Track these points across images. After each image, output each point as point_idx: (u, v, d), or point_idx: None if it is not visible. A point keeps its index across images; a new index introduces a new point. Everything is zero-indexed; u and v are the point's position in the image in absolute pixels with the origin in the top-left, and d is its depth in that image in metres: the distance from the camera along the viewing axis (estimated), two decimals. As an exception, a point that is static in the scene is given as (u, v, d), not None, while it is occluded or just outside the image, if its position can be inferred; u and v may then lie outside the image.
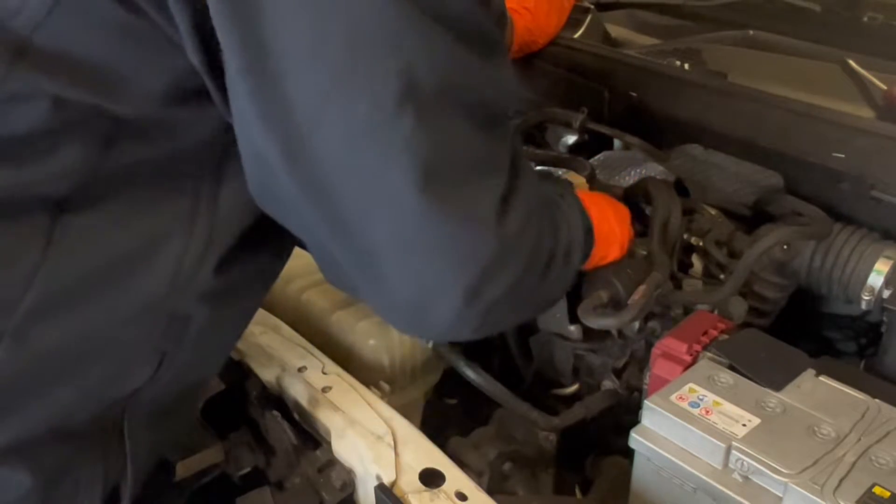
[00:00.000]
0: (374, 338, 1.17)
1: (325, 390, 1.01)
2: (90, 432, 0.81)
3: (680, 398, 0.88)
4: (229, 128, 0.73)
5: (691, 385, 0.90)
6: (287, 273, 0.96)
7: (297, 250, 0.91)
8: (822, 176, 1.09)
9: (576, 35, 1.59)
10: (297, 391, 1.02)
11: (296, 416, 1.04)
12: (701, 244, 1.13)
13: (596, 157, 1.34)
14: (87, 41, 0.70)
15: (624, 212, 1.07)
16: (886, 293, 1.03)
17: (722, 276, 1.11)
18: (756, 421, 0.85)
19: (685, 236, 1.13)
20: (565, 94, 1.37)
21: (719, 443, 0.82)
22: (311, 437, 1.03)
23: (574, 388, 1.20)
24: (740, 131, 1.18)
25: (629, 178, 1.29)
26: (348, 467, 0.96)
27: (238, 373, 1.09)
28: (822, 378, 0.92)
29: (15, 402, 0.74)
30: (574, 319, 1.05)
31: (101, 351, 0.77)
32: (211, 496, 1.07)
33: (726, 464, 0.83)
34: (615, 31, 1.70)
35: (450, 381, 1.24)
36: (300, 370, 1.05)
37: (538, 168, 1.21)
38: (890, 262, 1.03)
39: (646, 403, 0.88)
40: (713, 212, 1.16)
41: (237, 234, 0.81)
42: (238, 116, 0.71)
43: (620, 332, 1.11)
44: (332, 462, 0.98)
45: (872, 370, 1.08)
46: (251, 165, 0.74)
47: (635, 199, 1.15)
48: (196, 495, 1.06)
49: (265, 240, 0.85)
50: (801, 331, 1.16)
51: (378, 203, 0.71)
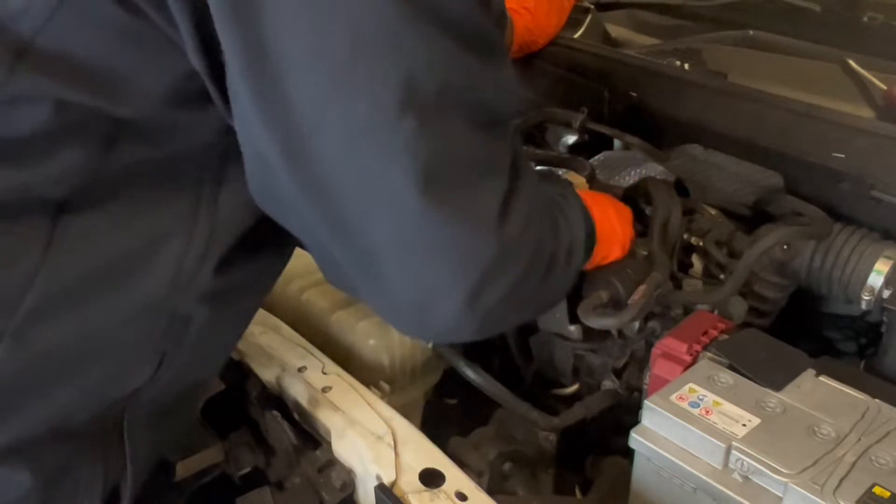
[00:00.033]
0: (374, 338, 1.17)
1: (325, 390, 1.01)
2: (90, 432, 0.81)
3: (680, 398, 0.88)
4: (230, 129, 0.73)
5: (691, 385, 0.90)
6: (287, 273, 0.96)
7: (298, 250, 0.91)
8: (822, 176, 1.09)
9: (576, 35, 1.59)
10: (297, 391, 1.02)
11: (296, 416, 1.04)
12: (701, 244, 1.13)
13: (596, 157, 1.33)
14: (89, 43, 0.70)
15: (626, 211, 1.07)
16: (886, 293, 1.03)
17: (722, 276, 1.11)
18: (756, 421, 0.85)
19: (685, 236, 1.13)
20: (565, 94, 1.36)
21: (719, 443, 0.82)
22: (311, 437, 1.03)
23: (574, 388, 1.20)
24: (740, 131, 1.18)
25: (629, 178, 1.29)
26: (348, 467, 0.96)
27: (238, 373, 1.09)
28: (822, 378, 0.92)
29: (15, 402, 0.74)
30: (574, 319, 1.05)
31: (102, 351, 0.78)
32: (211, 496, 1.07)
33: (726, 464, 0.83)
34: (615, 31, 1.70)
35: (450, 381, 1.24)
36: (300, 370, 1.05)
37: (540, 168, 1.21)
38: (890, 262, 1.03)
39: (646, 403, 0.88)
40: (713, 212, 1.16)
41: (237, 235, 0.81)
42: (239, 116, 0.71)
43: (620, 332, 1.11)
44: (332, 462, 0.98)
45: (872, 370, 1.08)
46: (252, 165, 0.74)
47: (635, 199, 1.15)
48: (196, 495, 1.06)
49: (265, 241, 0.85)
50: (801, 331, 1.16)
51: (378, 203, 0.71)
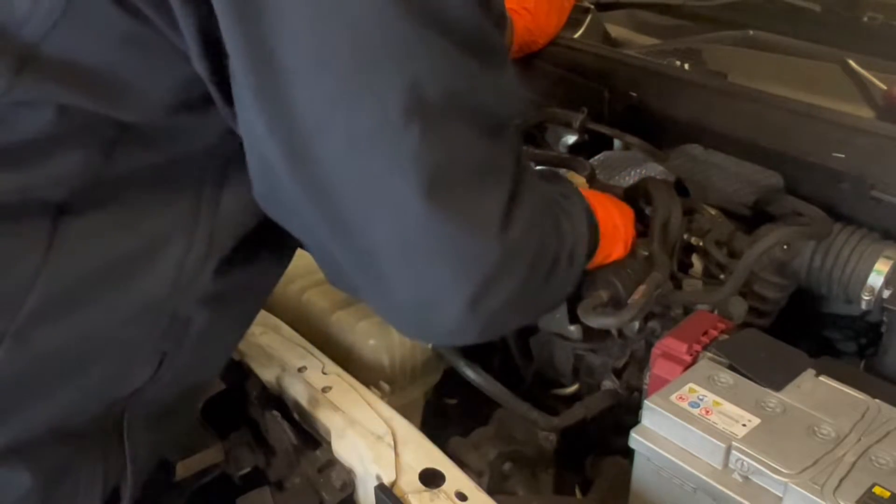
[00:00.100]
0: (374, 338, 1.17)
1: (325, 390, 1.01)
2: (90, 432, 0.81)
3: (680, 398, 0.88)
4: (233, 133, 0.73)
5: (691, 385, 0.89)
6: (287, 273, 0.96)
7: (298, 250, 0.91)
8: (822, 176, 1.09)
9: (576, 35, 1.59)
10: (297, 391, 1.02)
11: (296, 416, 1.04)
12: (701, 244, 1.12)
13: (596, 157, 1.33)
14: (94, 49, 0.70)
15: (628, 211, 1.07)
16: (886, 293, 1.03)
17: (722, 276, 1.11)
18: (756, 421, 0.85)
19: (685, 236, 1.13)
20: (565, 94, 1.36)
21: (719, 443, 0.82)
22: (311, 437, 1.03)
23: (574, 388, 1.20)
24: (740, 131, 1.17)
25: (629, 178, 1.29)
26: (348, 467, 0.96)
27: (238, 373, 1.09)
28: (822, 378, 0.92)
29: (15, 403, 0.74)
30: (574, 319, 1.05)
31: (102, 351, 0.78)
32: (211, 496, 1.08)
33: (726, 464, 0.83)
34: (615, 31, 1.70)
35: (450, 381, 1.24)
36: (300, 370, 1.05)
37: (544, 168, 1.21)
38: (890, 262, 1.03)
39: (646, 403, 0.88)
40: (713, 212, 1.16)
41: (238, 237, 0.81)
42: (242, 118, 0.71)
43: (620, 332, 1.11)
44: (332, 462, 0.98)
45: (872, 370, 1.08)
46: (255, 167, 0.74)
47: (635, 199, 1.15)
48: (196, 495, 1.06)
49: (266, 244, 0.85)
50: (801, 331, 1.16)
51: (380, 206, 0.71)
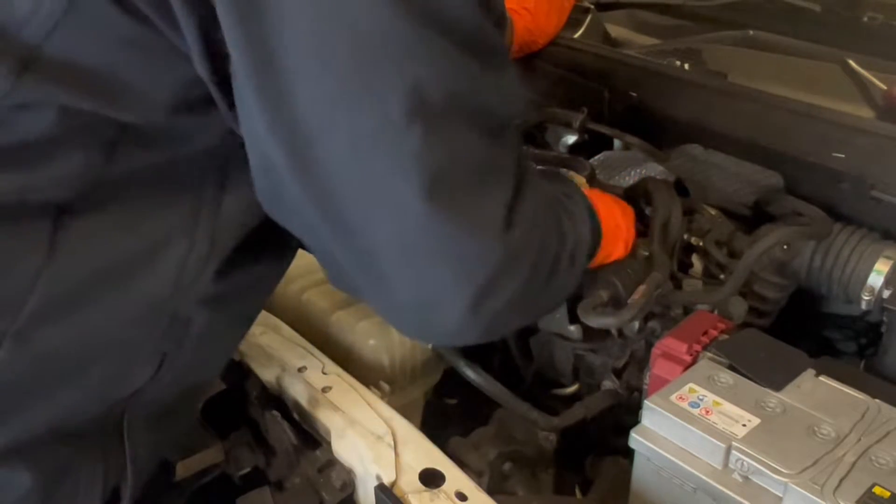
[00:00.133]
0: (374, 338, 1.17)
1: (325, 390, 1.01)
2: (90, 433, 0.81)
3: (680, 398, 0.88)
4: (233, 133, 0.73)
5: (691, 385, 0.89)
6: (287, 273, 0.96)
7: (298, 250, 0.91)
8: (822, 176, 1.09)
9: (576, 35, 1.58)
10: (297, 391, 1.02)
11: (296, 416, 1.04)
12: (701, 244, 1.12)
13: (596, 157, 1.33)
14: (94, 50, 0.70)
15: (629, 210, 1.07)
16: (886, 293, 1.03)
17: (722, 276, 1.11)
18: (756, 421, 0.85)
19: (685, 236, 1.13)
20: (565, 94, 1.36)
21: (719, 443, 0.82)
22: (311, 437, 1.03)
23: (574, 388, 1.20)
24: (740, 131, 1.17)
25: (629, 178, 1.29)
26: (348, 467, 0.96)
27: (238, 373, 1.09)
28: (822, 378, 0.92)
29: (16, 403, 0.74)
30: (574, 319, 1.05)
31: (102, 352, 0.78)
32: (211, 496, 1.07)
33: (726, 464, 0.83)
34: (615, 31, 1.70)
35: (450, 381, 1.24)
36: (300, 370, 1.05)
37: (546, 168, 1.21)
38: (890, 262, 1.03)
39: (646, 403, 0.88)
40: (713, 212, 1.16)
41: (239, 238, 0.81)
42: (244, 119, 0.71)
43: (620, 332, 1.11)
44: (332, 462, 0.98)
45: (872, 370, 1.08)
46: (257, 167, 0.74)
47: (635, 199, 1.15)
48: (196, 495, 1.06)
49: (267, 245, 0.85)
50: (801, 331, 1.16)
51: (382, 206, 0.71)
